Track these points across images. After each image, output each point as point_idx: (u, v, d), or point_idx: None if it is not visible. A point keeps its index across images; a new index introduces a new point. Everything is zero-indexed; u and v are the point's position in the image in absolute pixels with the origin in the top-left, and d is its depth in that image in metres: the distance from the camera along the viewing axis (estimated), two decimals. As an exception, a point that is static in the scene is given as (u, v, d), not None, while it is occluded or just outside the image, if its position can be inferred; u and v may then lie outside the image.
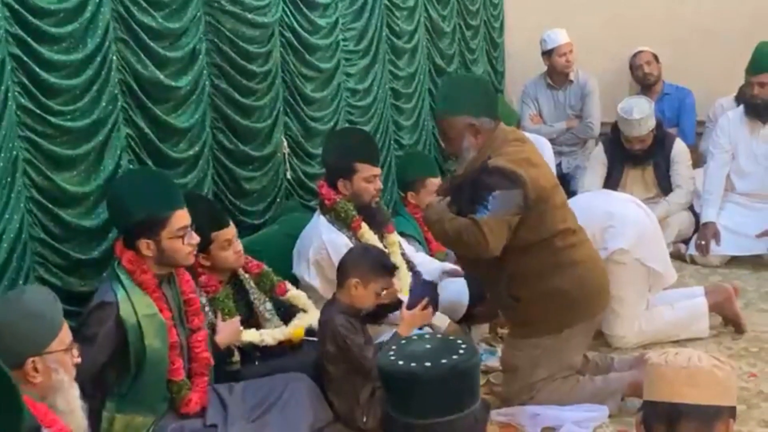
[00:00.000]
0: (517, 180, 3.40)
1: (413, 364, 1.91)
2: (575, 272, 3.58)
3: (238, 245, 3.72)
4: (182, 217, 3.18)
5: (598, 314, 3.78)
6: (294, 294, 3.89)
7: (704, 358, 1.98)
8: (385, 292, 3.62)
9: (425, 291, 3.72)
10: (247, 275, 3.82)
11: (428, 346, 1.99)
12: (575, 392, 3.63)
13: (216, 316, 3.58)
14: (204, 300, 3.57)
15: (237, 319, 3.61)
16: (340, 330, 3.50)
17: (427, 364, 1.90)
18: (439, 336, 2.11)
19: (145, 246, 3.12)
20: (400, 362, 1.93)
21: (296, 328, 3.77)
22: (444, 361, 1.91)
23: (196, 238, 3.24)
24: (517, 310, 3.66)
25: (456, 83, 4.12)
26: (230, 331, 3.55)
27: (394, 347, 2.01)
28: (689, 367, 1.95)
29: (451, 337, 2.06)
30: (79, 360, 2.52)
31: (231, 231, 3.71)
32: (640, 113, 5.46)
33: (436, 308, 3.75)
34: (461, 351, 1.95)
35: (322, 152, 4.43)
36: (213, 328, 3.53)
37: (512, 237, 3.46)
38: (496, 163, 3.45)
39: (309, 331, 3.80)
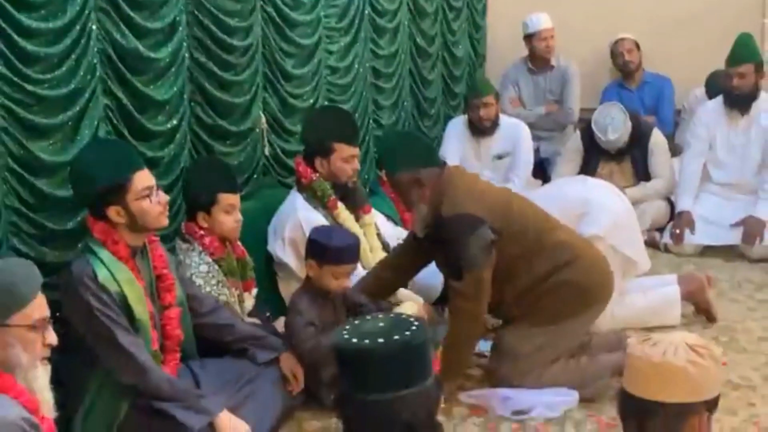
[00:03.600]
0: (475, 219, 3.47)
1: (367, 341, 2.00)
2: (579, 264, 3.62)
3: (239, 216, 3.71)
4: (144, 177, 3.15)
5: (608, 299, 3.78)
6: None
7: (681, 350, 1.92)
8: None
9: None
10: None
11: (381, 324, 2.09)
12: (576, 372, 3.64)
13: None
14: (205, 268, 3.58)
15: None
16: (289, 306, 3.50)
17: (381, 340, 2.00)
18: (391, 315, 2.29)
19: (115, 213, 3.09)
20: (354, 339, 2.02)
21: None
22: (396, 337, 2.00)
23: (164, 197, 3.21)
24: (525, 307, 3.67)
25: (390, 141, 4.27)
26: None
27: (347, 326, 2.10)
28: (662, 363, 1.90)
29: (403, 315, 2.18)
30: (53, 342, 2.44)
31: (236, 198, 3.71)
32: (614, 133, 5.54)
33: None
34: (413, 328, 2.04)
35: (302, 130, 4.40)
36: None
37: (503, 258, 3.53)
38: (448, 213, 3.51)
39: None
